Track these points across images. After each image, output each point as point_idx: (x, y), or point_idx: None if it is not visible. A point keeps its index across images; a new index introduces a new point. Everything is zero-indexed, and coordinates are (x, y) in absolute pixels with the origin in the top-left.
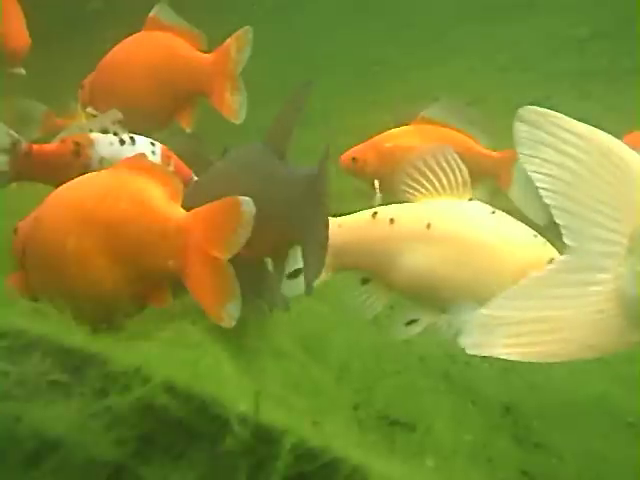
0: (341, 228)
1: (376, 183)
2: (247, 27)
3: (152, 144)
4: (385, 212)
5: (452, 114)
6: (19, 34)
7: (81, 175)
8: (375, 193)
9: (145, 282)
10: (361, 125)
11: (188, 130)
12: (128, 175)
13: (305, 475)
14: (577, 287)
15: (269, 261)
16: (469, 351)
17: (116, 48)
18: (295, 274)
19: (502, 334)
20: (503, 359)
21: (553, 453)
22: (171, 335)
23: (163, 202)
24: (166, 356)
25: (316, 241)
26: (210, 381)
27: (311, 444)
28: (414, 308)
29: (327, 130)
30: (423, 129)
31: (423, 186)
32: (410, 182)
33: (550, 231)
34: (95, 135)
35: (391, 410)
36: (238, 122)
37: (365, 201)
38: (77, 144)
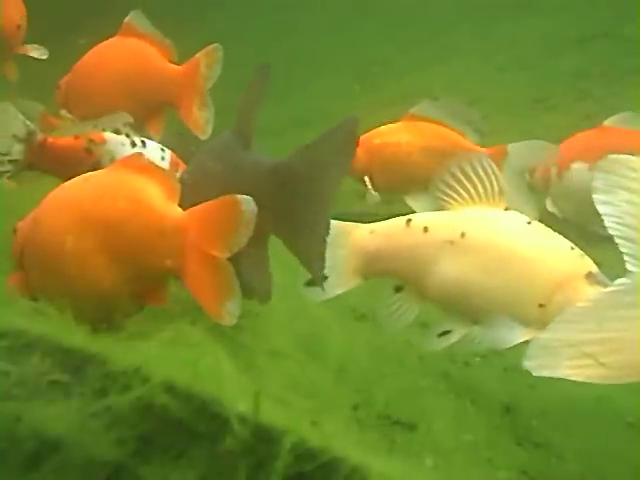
0: (373, 234)
1: (367, 180)
2: (217, 44)
3: (162, 149)
4: (419, 220)
5: (440, 111)
6: (7, 16)
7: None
8: (367, 190)
9: (143, 281)
10: (360, 125)
11: (157, 137)
12: (125, 174)
13: (305, 475)
14: (636, 308)
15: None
16: (534, 373)
17: (91, 51)
18: (312, 281)
19: (565, 356)
20: (503, 358)
21: (553, 453)
22: (171, 335)
23: (160, 201)
24: (166, 356)
25: (308, 236)
26: (210, 381)
27: (311, 444)
28: (447, 318)
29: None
30: (412, 126)
31: (458, 194)
32: (445, 190)
33: None
34: (108, 135)
35: (391, 410)
36: (204, 138)
37: (364, 201)
38: (90, 141)
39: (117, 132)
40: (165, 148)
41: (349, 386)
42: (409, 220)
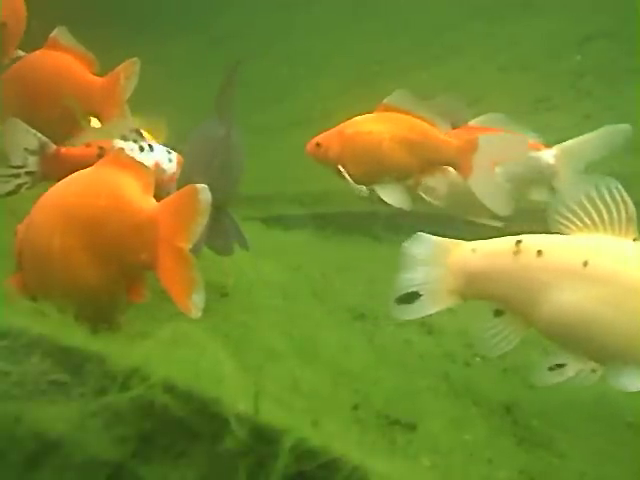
0: (476, 253)
1: (341, 168)
2: (135, 58)
3: (168, 152)
4: (531, 242)
5: (413, 101)
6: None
7: None
8: (344, 179)
9: (125, 276)
10: None
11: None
12: (107, 171)
13: (305, 475)
14: None
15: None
16: None
17: (17, 64)
18: (409, 298)
19: None
20: (502, 358)
21: (553, 453)
22: (170, 334)
23: (137, 195)
24: (165, 355)
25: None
26: (210, 381)
27: (311, 444)
28: (560, 351)
29: (326, 129)
30: (385, 116)
31: (580, 219)
32: (565, 213)
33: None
34: (117, 141)
35: (391, 410)
36: None
37: (366, 201)
38: (101, 148)
39: (124, 138)
40: (171, 150)
41: (349, 386)
42: (519, 241)
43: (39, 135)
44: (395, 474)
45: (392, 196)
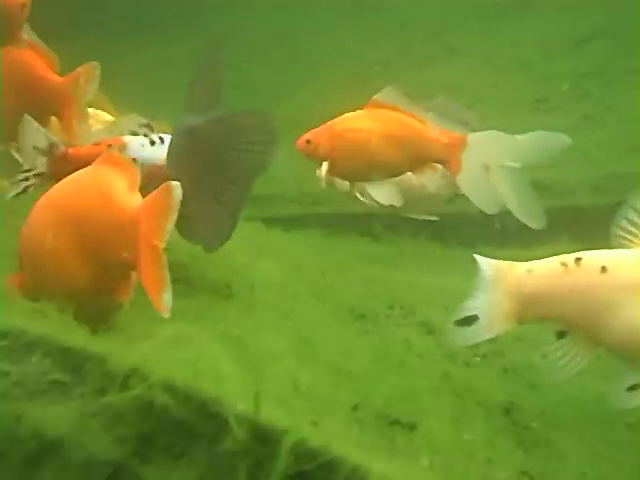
0: (532, 274)
1: (324, 165)
2: (95, 62)
3: None
4: (593, 259)
5: (403, 98)
6: None
7: None
8: (319, 174)
9: (113, 275)
10: None
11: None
12: (100, 170)
13: (305, 475)
14: None
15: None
16: None
17: None
18: (467, 321)
19: None
20: (503, 358)
21: (553, 453)
22: (170, 335)
23: (124, 194)
24: (165, 356)
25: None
26: (209, 381)
27: (311, 444)
28: (633, 371)
29: None
30: (375, 113)
31: None
32: (628, 227)
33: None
34: (127, 138)
35: (390, 410)
36: None
37: (363, 201)
38: (110, 147)
39: (134, 134)
40: None
41: (348, 386)
42: (579, 259)
43: (48, 135)
44: (395, 474)
45: (382, 194)
